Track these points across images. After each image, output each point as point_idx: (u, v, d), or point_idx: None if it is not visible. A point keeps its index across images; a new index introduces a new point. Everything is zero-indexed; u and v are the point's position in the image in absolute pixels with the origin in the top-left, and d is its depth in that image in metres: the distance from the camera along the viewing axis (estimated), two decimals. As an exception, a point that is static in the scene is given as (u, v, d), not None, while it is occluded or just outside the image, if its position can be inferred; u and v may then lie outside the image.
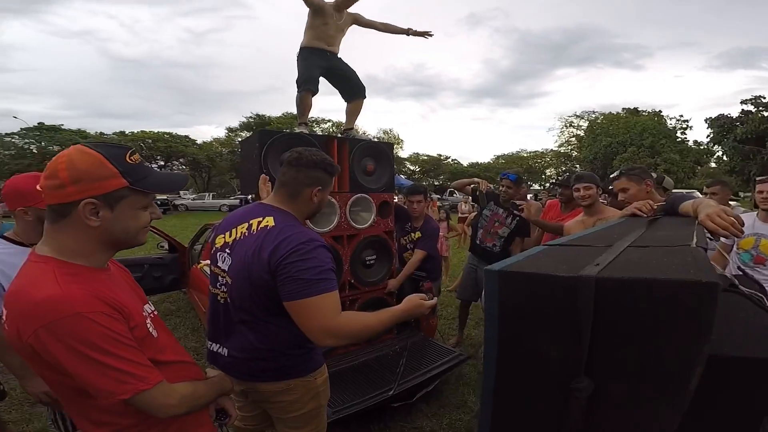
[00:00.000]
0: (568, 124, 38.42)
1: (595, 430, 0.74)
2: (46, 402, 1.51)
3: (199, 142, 33.70)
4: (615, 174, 2.31)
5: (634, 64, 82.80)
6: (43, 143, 27.60)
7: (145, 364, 0.89)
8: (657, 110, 33.94)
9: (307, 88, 2.69)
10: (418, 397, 2.47)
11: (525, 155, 43.44)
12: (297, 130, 2.67)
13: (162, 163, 30.93)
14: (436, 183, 40.15)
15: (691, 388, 0.61)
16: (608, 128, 31.49)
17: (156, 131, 31.65)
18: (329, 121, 35.07)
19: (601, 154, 30.41)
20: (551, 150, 40.21)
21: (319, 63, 2.70)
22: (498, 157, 45.77)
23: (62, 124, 29.14)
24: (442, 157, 45.69)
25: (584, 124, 36.93)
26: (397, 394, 2.28)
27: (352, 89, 2.90)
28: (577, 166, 35.68)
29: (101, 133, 30.74)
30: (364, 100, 2.97)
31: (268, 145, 2.22)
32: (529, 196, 6.25)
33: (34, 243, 1.28)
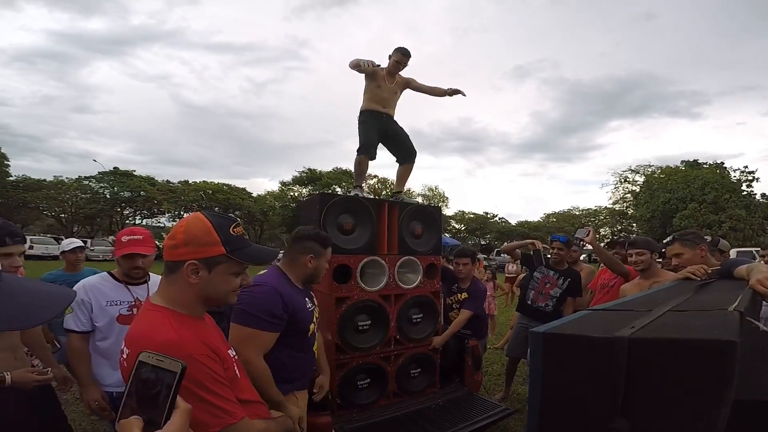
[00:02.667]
0: (622, 180, 36.34)
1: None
2: (95, 410, 1.88)
3: (254, 195, 35.22)
4: (668, 239, 2.33)
5: (691, 113, 78.77)
6: (115, 188, 30.00)
7: (234, 401, 1.03)
8: (719, 162, 31.78)
9: (366, 153, 2.96)
10: None
11: (577, 213, 41.80)
12: (352, 192, 2.91)
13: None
14: (483, 242, 39.46)
15: (719, 428, 0.69)
16: (666, 183, 29.59)
17: (216, 182, 33.55)
18: (375, 177, 36.30)
19: (659, 212, 28.56)
20: (605, 207, 38.31)
21: (377, 126, 3.00)
22: (548, 216, 44.44)
23: (134, 170, 31.74)
24: (488, 215, 45.14)
25: (640, 179, 34.91)
26: None
27: (404, 153, 3.16)
28: (633, 225, 33.61)
29: (168, 181, 32.76)
30: (413, 165, 3.23)
31: (327, 207, 2.46)
32: (582, 257, 6.11)
33: (129, 282, 2.02)
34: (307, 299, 1.83)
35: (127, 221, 31.96)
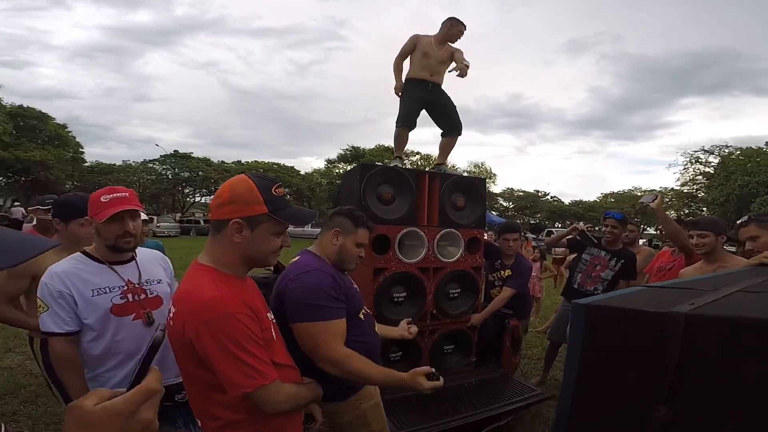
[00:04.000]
0: (694, 160, 33.06)
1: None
2: None
3: (302, 173, 36.80)
4: (743, 220, 2.07)
5: (780, 92, 69.59)
6: (176, 170, 32.86)
7: (268, 362, 1.05)
8: (810, 144, 27.64)
9: (404, 124, 2.88)
10: (487, 430, 2.38)
11: (639, 194, 38.87)
12: (392, 163, 2.85)
13: None
14: (532, 221, 38.00)
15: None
16: (746, 165, 26.44)
17: (267, 161, 35.55)
18: (417, 153, 35.93)
19: (734, 196, 25.61)
20: (672, 189, 35.22)
21: (420, 96, 2.89)
22: (606, 196, 41.72)
23: (192, 153, 34.27)
24: (539, 194, 43.21)
25: (714, 160, 31.54)
26: (465, 424, 2.23)
27: (450, 125, 3.03)
28: (704, 209, 30.61)
29: (222, 162, 35.16)
30: (459, 137, 3.09)
31: (367, 177, 2.44)
32: (641, 241, 5.72)
33: (113, 261, 1.51)
34: (349, 279, 1.64)
35: (188, 199, 34.60)
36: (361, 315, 1.57)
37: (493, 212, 38.04)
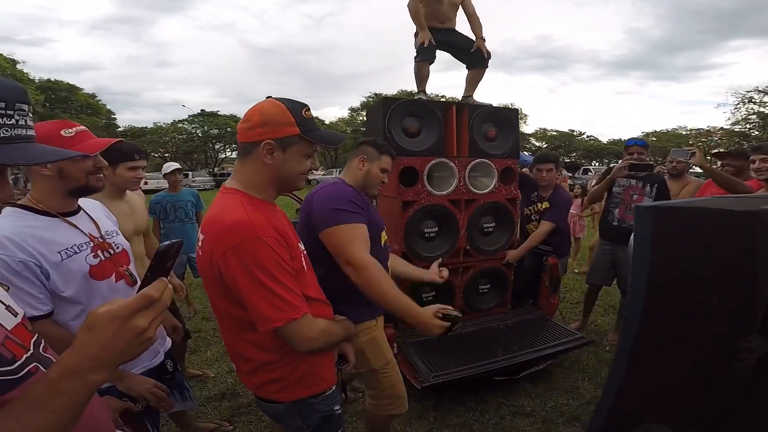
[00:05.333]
0: (747, 100, 29.90)
1: (761, 400, 0.58)
2: (157, 398, 1.28)
3: (326, 122, 36.51)
4: None
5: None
6: (205, 128, 33.68)
7: (299, 294, 1.00)
8: None
9: (423, 58, 2.69)
10: (524, 374, 2.32)
11: (684, 133, 35.84)
12: (417, 97, 2.68)
13: None
14: (567, 160, 36.33)
15: None
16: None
17: None
18: (443, 97, 34.52)
19: (790, 135, 23.22)
20: (721, 128, 32.21)
21: (435, 38, 2.66)
22: (647, 134, 38.84)
23: (218, 111, 35.08)
24: (574, 133, 40.94)
25: (770, 100, 28.42)
26: (500, 368, 2.18)
27: (472, 57, 2.78)
28: (758, 148, 27.93)
29: None
30: (486, 70, 2.83)
31: (390, 111, 2.29)
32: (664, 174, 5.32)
33: (63, 211, 1.17)
34: (372, 203, 1.65)
35: (219, 155, 35.52)
36: (381, 240, 1.60)
37: (526, 152, 36.55)
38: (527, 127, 39.96)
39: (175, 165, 3.71)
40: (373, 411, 1.69)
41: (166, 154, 35.38)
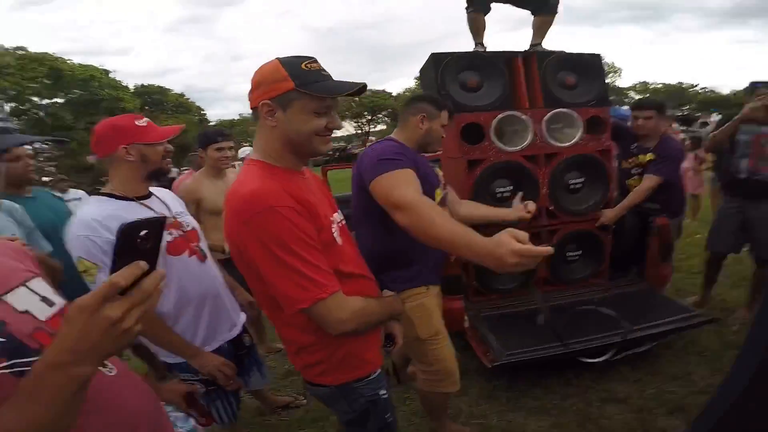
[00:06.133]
0: None
1: None
2: (227, 375, 1.33)
3: (394, 94, 36.54)
4: None
5: None
6: None
7: (326, 269, 0.89)
8: None
9: (475, 9, 2.37)
10: (618, 357, 1.94)
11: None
12: (475, 50, 2.37)
13: (369, 117, 35.65)
14: (679, 113, 31.64)
15: None
16: None
17: None
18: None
19: None
20: None
21: None
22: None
23: None
24: (684, 86, 35.34)
25: None
26: (593, 348, 1.87)
27: (536, 5, 2.38)
28: None
29: None
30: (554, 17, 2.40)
31: (443, 66, 2.05)
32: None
33: (139, 195, 1.28)
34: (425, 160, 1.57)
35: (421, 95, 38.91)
36: (436, 198, 1.50)
37: (624, 107, 32.62)
38: (622, 81, 35.49)
39: (249, 149, 3.96)
40: (423, 387, 1.62)
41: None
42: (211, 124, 36.34)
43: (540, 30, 2.44)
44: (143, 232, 0.52)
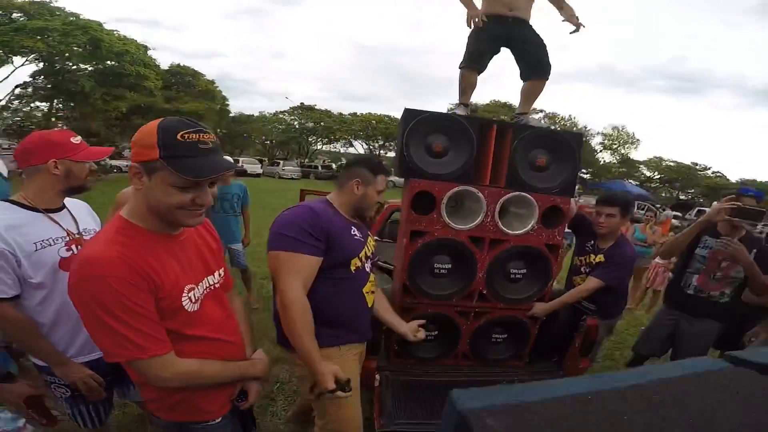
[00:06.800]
0: None
1: None
2: (90, 388, 1.37)
3: None
4: None
5: None
6: (302, 120, 36.25)
7: (152, 334, 0.91)
8: None
9: (470, 65, 2.31)
10: None
11: None
12: (457, 110, 2.33)
13: (381, 142, 35.84)
14: (682, 197, 31.67)
15: None
16: None
17: (379, 114, 36.46)
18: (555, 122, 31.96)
19: None
20: None
21: (494, 33, 2.26)
22: (786, 183, 32.19)
23: (315, 105, 37.36)
24: (697, 167, 35.61)
25: None
26: None
27: (530, 64, 2.31)
28: None
29: (340, 113, 37.24)
30: (546, 82, 2.36)
31: (411, 126, 2.01)
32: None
33: (48, 208, 1.33)
34: (354, 228, 1.60)
35: (311, 147, 37.95)
36: (353, 267, 1.54)
37: (631, 181, 32.86)
38: (637, 154, 35.84)
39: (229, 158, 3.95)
40: None
41: (267, 142, 38.92)
42: (230, 115, 36.69)
43: (528, 97, 2.40)
44: None
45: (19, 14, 16.51)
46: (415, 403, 1.96)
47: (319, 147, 39.97)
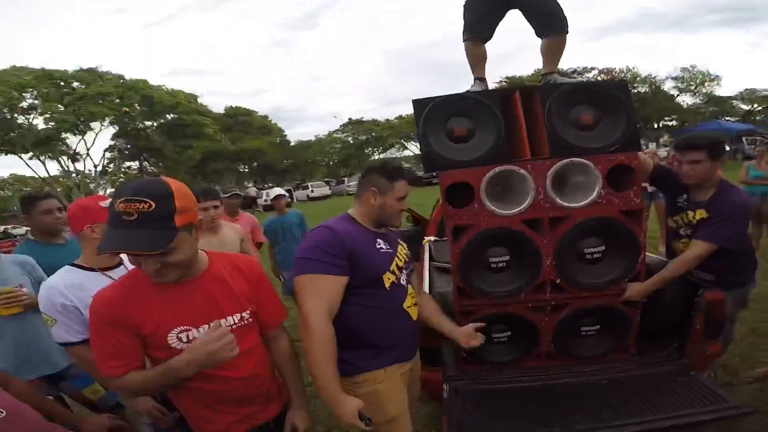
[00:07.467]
0: None
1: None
2: (158, 418, 1.53)
3: None
4: None
5: None
6: (354, 135, 37.26)
7: (110, 358, 1.08)
8: None
9: (472, 35, 2.06)
10: None
11: None
12: (472, 88, 2.08)
13: None
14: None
15: None
16: None
17: None
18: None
19: None
20: None
21: None
22: None
23: (362, 117, 38.27)
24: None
25: None
26: None
27: (541, 21, 2.01)
28: None
29: (387, 120, 37.63)
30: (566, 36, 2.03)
31: (424, 116, 1.80)
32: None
33: (103, 266, 1.54)
34: (380, 239, 1.50)
35: (369, 158, 39.07)
36: (386, 282, 1.44)
37: (728, 118, 28.43)
38: (722, 89, 31.15)
39: (279, 191, 4.13)
40: None
41: (331, 163, 40.70)
42: (291, 145, 38.93)
43: (550, 55, 2.07)
44: None
45: (78, 83, 19.22)
46: (491, 412, 1.72)
47: (376, 157, 40.71)
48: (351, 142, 37.74)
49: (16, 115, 18.36)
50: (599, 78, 27.88)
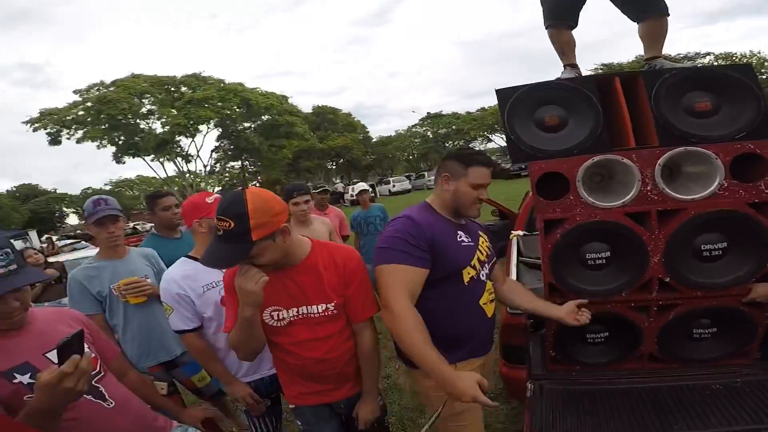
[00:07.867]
0: None
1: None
2: (250, 406, 1.67)
3: None
4: None
5: None
6: (434, 129, 37.34)
7: (229, 318, 1.32)
8: None
9: (555, 23, 1.96)
10: None
11: None
12: (563, 75, 1.98)
13: None
14: None
15: None
16: None
17: None
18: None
19: None
20: None
21: None
22: None
23: (441, 111, 37.96)
24: None
25: None
26: None
27: (635, 3, 1.85)
28: None
29: (468, 112, 36.62)
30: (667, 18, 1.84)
31: (509, 106, 1.74)
32: None
33: None
34: (461, 231, 1.48)
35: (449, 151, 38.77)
36: (466, 278, 1.43)
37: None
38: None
39: (363, 186, 4.36)
40: None
41: (410, 157, 41.09)
42: (373, 141, 40.03)
43: (651, 40, 1.92)
44: (74, 341, 0.96)
45: (185, 88, 21.55)
46: (579, 413, 1.64)
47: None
48: (430, 136, 37.56)
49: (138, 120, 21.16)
50: (716, 64, 23.81)
